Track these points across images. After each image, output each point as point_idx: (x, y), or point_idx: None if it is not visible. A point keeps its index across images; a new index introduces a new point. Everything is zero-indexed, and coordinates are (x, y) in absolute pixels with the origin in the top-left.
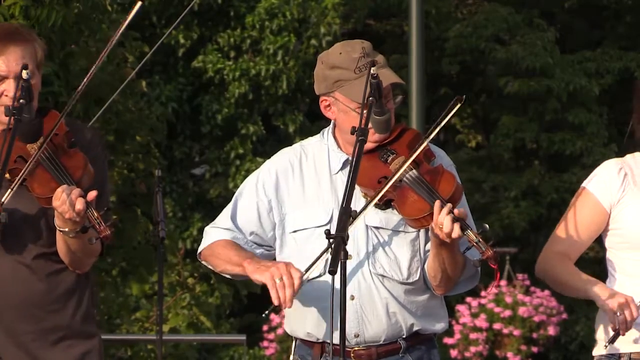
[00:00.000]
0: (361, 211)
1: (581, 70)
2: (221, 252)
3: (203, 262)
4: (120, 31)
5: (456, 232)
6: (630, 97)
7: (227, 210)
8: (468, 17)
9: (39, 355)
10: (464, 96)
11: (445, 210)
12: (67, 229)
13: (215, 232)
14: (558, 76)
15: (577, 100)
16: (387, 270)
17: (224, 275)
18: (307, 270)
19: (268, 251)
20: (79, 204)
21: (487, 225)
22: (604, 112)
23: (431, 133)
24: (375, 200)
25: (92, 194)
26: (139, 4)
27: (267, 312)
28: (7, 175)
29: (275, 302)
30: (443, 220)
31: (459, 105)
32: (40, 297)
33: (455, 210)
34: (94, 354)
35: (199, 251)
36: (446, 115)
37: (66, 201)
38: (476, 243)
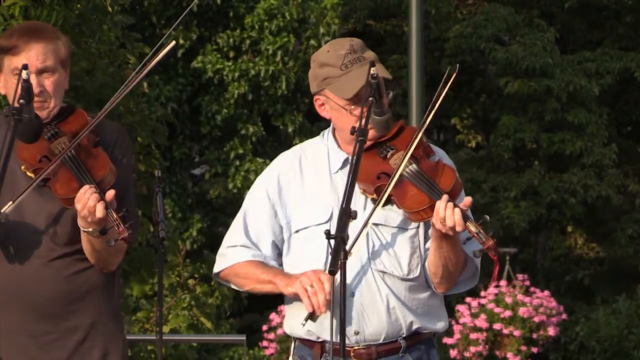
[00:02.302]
0: (368, 218)
1: (581, 70)
2: (247, 272)
3: (222, 282)
4: (150, 67)
5: (458, 223)
6: (630, 97)
7: (238, 227)
8: (468, 17)
9: (58, 357)
10: (457, 65)
11: (447, 202)
12: (90, 229)
13: (234, 253)
14: (558, 76)
15: (577, 100)
16: (387, 266)
17: (252, 292)
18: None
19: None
20: (99, 211)
21: (488, 217)
22: (604, 112)
23: (434, 105)
24: (381, 202)
25: (110, 194)
26: (172, 42)
27: (303, 321)
28: (31, 175)
29: (309, 309)
30: (445, 212)
31: (454, 76)
32: (63, 297)
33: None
34: (116, 355)
35: (216, 271)
36: (444, 86)
37: (86, 205)
38: (477, 234)
